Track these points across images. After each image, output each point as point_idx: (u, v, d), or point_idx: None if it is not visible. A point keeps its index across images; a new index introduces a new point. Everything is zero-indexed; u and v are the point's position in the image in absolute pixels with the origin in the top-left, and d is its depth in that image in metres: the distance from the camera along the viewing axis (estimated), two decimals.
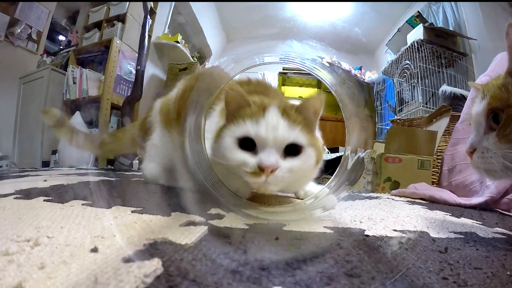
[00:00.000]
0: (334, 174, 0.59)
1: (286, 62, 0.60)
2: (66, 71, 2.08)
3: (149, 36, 2.11)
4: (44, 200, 0.48)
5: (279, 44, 0.64)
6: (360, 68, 3.02)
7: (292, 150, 0.53)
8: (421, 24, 2.15)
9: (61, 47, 2.76)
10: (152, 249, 0.27)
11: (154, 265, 0.22)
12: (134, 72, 1.89)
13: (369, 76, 2.92)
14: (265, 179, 0.49)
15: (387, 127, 1.77)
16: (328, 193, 0.58)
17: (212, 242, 0.30)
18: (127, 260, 0.24)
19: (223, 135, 0.55)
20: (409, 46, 2.15)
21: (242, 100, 0.56)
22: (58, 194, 0.54)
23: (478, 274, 0.28)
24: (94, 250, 0.26)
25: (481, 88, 0.46)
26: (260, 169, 0.49)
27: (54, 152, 1.80)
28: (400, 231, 0.44)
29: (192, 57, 2.73)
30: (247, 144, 0.53)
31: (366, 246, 0.35)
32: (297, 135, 0.53)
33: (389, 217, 0.56)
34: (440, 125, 1.48)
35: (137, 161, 1.59)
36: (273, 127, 0.52)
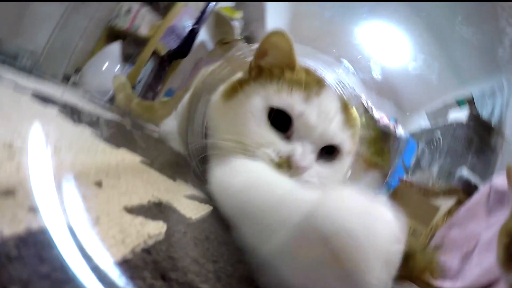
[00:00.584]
0: None
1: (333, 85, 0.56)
2: None
3: (216, 3, 2.11)
4: (58, 111, 0.46)
5: (335, 63, 0.62)
6: (396, 121, 2.98)
7: (327, 151, 0.42)
8: (468, 108, 2.12)
9: None
10: (156, 210, 0.25)
11: (159, 229, 0.21)
12: (188, 30, 1.87)
13: (401, 132, 2.89)
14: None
15: (394, 182, 1.77)
16: None
17: (216, 226, 0.28)
18: (130, 210, 0.22)
19: (248, 94, 0.41)
20: (447, 123, 2.12)
21: (290, 57, 0.42)
22: (72, 112, 0.53)
23: None
24: (98, 183, 0.25)
25: None
26: (288, 163, 0.38)
27: (77, 71, 1.78)
28: None
29: (240, 36, 2.70)
30: (278, 119, 0.39)
31: None
32: (346, 139, 0.43)
33: None
34: (445, 204, 1.47)
35: None
36: (326, 117, 0.40)
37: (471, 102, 2.08)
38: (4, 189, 0.17)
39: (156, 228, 0.21)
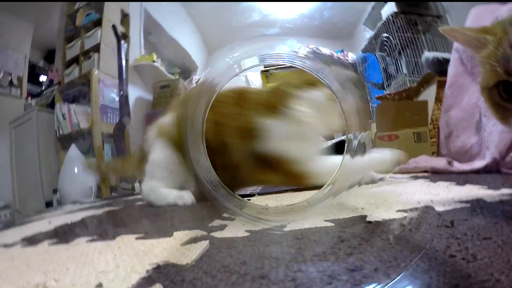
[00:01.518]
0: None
1: (265, 61, 0.57)
2: (54, 109, 2.09)
3: (126, 61, 2.13)
4: (50, 244, 0.48)
5: (257, 45, 0.63)
6: (342, 51, 3.01)
7: None
8: None
9: (43, 88, 2.77)
10: (155, 274, 0.27)
11: None
12: (117, 98, 1.91)
13: (352, 56, 2.92)
14: None
15: (374, 105, 1.79)
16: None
17: (213, 257, 0.30)
18: None
19: None
20: (384, 20, 2.16)
21: None
22: (63, 235, 0.55)
23: (487, 244, 0.26)
24: (99, 286, 0.27)
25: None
26: None
27: (55, 191, 1.79)
28: (403, 210, 0.42)
29: (173, 74, 2.73)
30: None
31: (368, 235, 0.34)
32: None
33: (392, 196, 0.55)
34: (429, 93, 1.48)
35: (138, 183, 1.60)
36: None
37: None
38: None
39: None
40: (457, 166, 0.91)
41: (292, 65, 0.56)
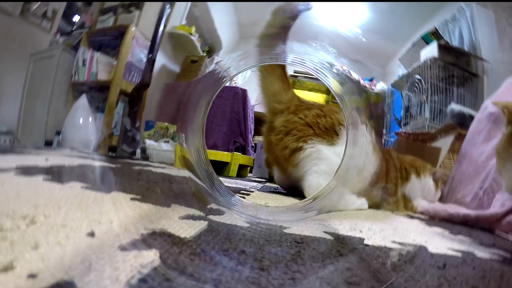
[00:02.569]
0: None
1: (296, 64, 0.58)
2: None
3: (165, 25, 2.12)
4: (44, 179, 0.47)
5: (292, 44, 0.63)
6: (371, 80, 2.97)
7: None
8: (436, 41, 2.12)
9: (74, 28, 2.75)
10: (150, 239, 0.26)
11: (152, 256, 0.22)
12: (145, 60, 1.88)
13: (382, 86, 2.87)
14: None
15: (391, 139, 1.79)
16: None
17: (211, 238, 0.29)
18: (124, 248, 0.23)
19: None
20: (421, 62, 2.13)
21: None
22: (58, 174, 0.54)
23: None
24: (91, 234, 0.26)
25: None
26: None
27: (58, 132, 1.78)
28: (399, 243, 0.43)
29: (203, 51, 2.71)
30: None
31: (366, 255, 0.34)
32: None
33: (388, 228, 0.55)
34: (445, 142, 1.48)
35: (140, 150, 1.58)
36: None
37: (435, 33, 2.08)
38: (3, 267, 0.19)
39: (149, 257, 0.22)
40: (461, 211, 0.88)
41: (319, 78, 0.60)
